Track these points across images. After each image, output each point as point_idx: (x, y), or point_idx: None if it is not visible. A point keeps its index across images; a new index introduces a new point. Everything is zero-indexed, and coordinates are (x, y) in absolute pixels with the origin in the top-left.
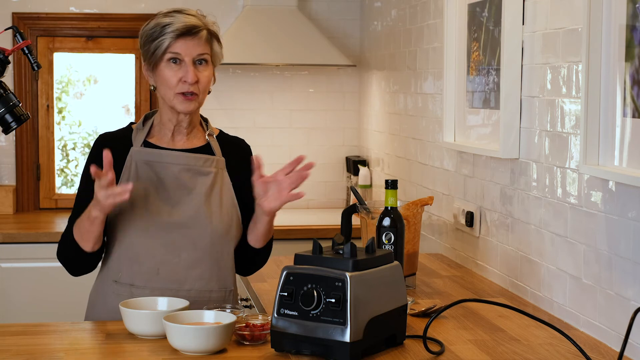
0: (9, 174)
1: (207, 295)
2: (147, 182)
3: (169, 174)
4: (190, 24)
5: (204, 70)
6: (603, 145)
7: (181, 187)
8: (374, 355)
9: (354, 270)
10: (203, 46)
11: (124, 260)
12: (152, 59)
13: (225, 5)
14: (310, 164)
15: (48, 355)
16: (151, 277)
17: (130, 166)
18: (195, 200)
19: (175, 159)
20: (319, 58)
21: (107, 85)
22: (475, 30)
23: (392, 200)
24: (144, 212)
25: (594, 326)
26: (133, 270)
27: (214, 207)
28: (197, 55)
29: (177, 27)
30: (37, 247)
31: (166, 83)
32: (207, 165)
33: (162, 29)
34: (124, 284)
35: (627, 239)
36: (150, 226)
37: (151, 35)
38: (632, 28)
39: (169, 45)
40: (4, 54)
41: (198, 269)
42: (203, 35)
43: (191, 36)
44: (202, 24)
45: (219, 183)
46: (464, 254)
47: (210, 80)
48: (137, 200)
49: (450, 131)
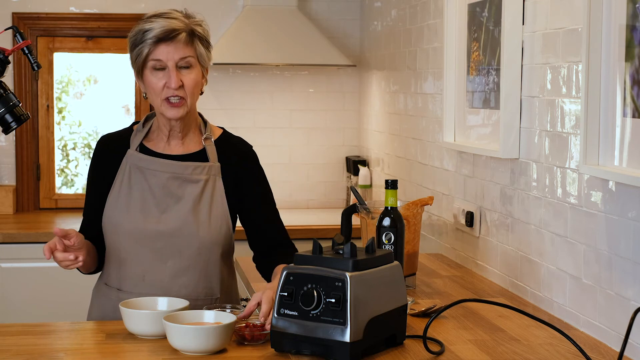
0: (9, 174)
1: (192, 303)
2: (139, 188)
3: (158, 181)
4: (168, 27)
5: (189, 73)
6: (603, 145)
7: (169, 195)
8: (374, 355)
9: (354, 270)
10: (183, 49)
11: (112, 264)
12: (136, 66)
13: (225, 5)
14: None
15: (48, 355)
16: (137, 282)
17: (125, 169)
18: (183, 209)
19: (162, 167)
20: (319, 58)
21: (107, 85)
22: (475, 30)
23: (392, 200)
24: (133, 218)
25: (594, 326)
26: (120, 275)
27: (202, 217)
28: (179, 59)
29: (156, 33)
30: (37, 247)
31: (152, 90)
32: (197, 173)
33: (143, 35)
34: (112, 287)
35: (627, 239)
36: (138, 232)
37: (133, 42)
38: (632, 28)
39: (149, 51)
40: (4, 54)
41: (184, 277)
42: (182, 39)
43: (170, 40)
44: (182, 25)
45: (210, 191)
46: (464, 254)
47: (198, 82)
48: (128, 205)
49: (450, 131)
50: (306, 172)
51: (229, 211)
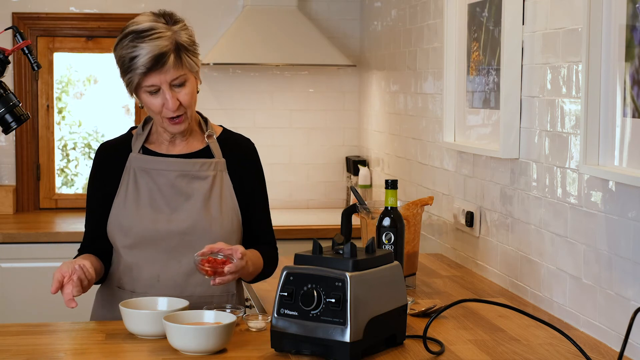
0: (9, 174)
1: (209, 300)
2: (146, 189)
3: (165, 181)
4: (156, 53)
5: (184, 89)
6: (603, 145)
7: (178, 193)
8: (374, 355)
9: (354, 270)
10: (174, 71)
11: (124, 268)
12: (129, 89)
13: (225, 5)
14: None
15: (48, 355)
16: (152, 284)
17: (129, 173)
18: (194, 206)
19: (169, 166)
20: (319, 58)
21: (107, 85)
22: (475, 30)
23: (392, 200)
24: (144, 220)
25: (594, 326)
26: (133, 278)
27: (214, 213)
28: (171, 80)
29: (143, 62)
30: (37, 247)
31: (151, 109)
32: (204, 169)
33: (130, 63)
34: (126, 290)
35: (627, 239)
36: (150, 233)
37: (122, 67)
38: (632, 28)
39: (140, 80)
40: (4, 54)
41: (198, 275)
42: (171, 61)
43: (160, 67)
44: (168, 44)
45: (219, 186)
46: (464, 254)
47: (194, 91)
48: (137, 207)
49: (450, 131)
50: (306, 172)
51: (238, 205)
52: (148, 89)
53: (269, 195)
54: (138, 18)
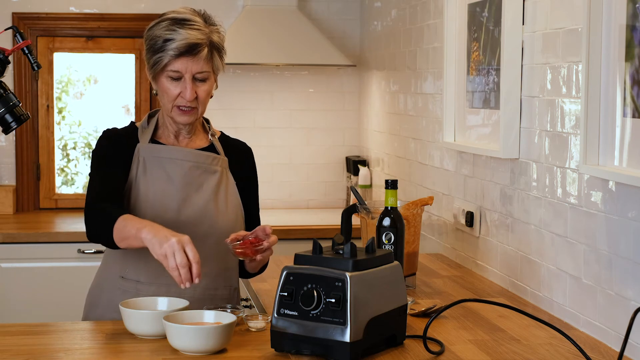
0: (9, 174)
1: (212, 292)
2: (157, 177)
3: (179, 170)
4: (191, 42)
5: (204, 85)
6: (603, 145)
7: (189, 184)
8: (374, 355)
9: (354, 270)
10: (203, 64)
11: (130, 257)
12: (153, 71)
13: (225, 5)
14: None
15: (48, 355)
16: (158, 274)
17: (139, 162)
18: (204, 197)
19: (185, 156)
20: (319, 58)
21: (107, 85)
22: (475, 30)
23: (392, 200)
24: (152, 209)
25: (594, 326)
26: (139, 267)
27: (221, 206)
28: (196, 72)
29: (178, 45)
30: (37, 247)
31: (165, 95)
32: (215, 164)
33: (164, 44)
34: (130, 279)
35: (627, 239)
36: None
37: (152, 46)
38: (632, 28)
39: (169, 62)
40: (4, 54)
41: (204, 267)
42: (204, 55)
43: (192, 55)
44: (204, 38)
45: (225, 182)
46: (464, 254)
47: (210, 92)
48: (145, 196)
49: (450, 131)
50: (306, 172)
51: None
52: (171, 74)
53: (269, 195)
54: (178, 9)
